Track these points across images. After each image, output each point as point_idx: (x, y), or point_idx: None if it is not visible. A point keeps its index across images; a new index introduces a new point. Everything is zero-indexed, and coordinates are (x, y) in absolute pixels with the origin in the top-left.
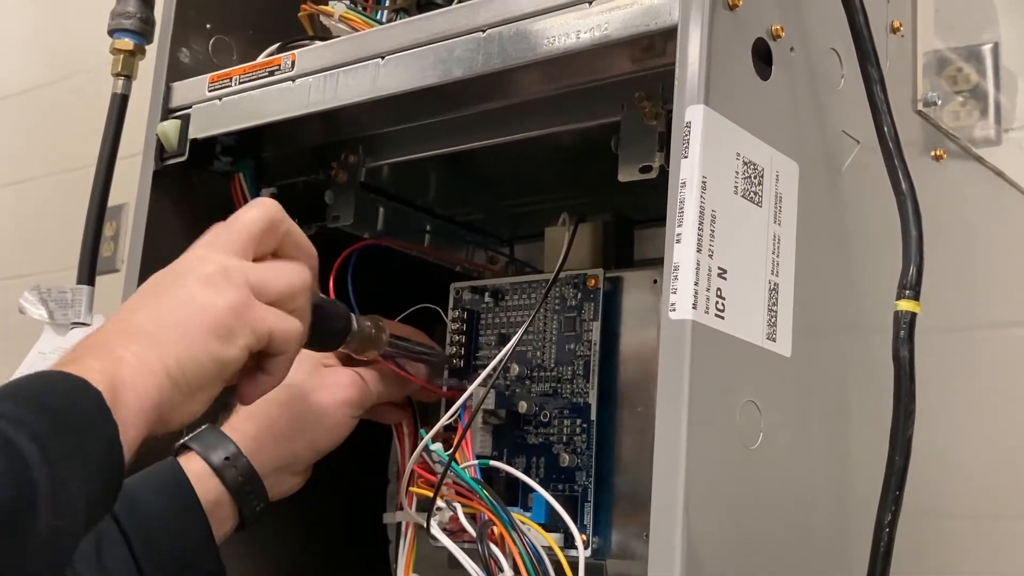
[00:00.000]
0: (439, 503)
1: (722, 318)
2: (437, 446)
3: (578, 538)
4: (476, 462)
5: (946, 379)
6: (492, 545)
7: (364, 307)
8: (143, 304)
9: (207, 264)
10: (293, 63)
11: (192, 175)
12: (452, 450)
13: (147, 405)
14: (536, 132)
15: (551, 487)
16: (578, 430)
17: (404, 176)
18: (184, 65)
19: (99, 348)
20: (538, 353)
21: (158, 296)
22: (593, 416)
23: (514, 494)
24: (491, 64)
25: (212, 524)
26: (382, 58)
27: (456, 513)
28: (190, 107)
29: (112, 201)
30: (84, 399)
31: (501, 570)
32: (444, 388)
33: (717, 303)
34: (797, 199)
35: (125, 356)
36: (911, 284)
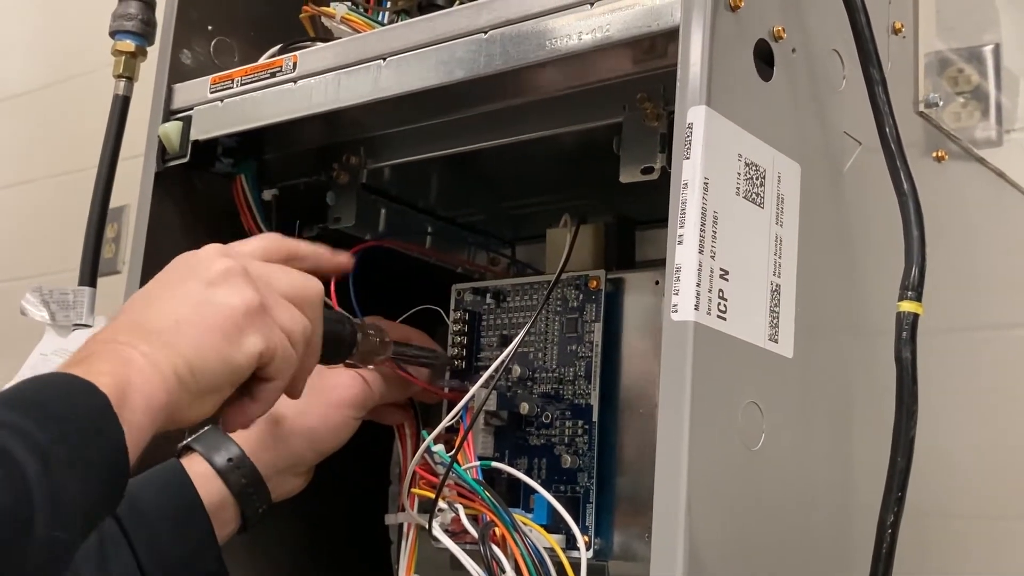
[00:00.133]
0: (441, 504)
1: (724, 319)
2: (439, 447)
3: (580, 539)
4: (478, 463)
5: (948, 380)
6: (494, 546)
7: (366, 308)
8: (156, 299)
9: (229, 260)
10: (295, 65)
11: (194, 176)
12: (454, 451)
13: (155, 407)
14: (538, 133)
15: (553, 488)
16: (580, 431)
17: (406, 177)
18: (186, 67)
19: (109, 348)
20: (540, 354)
21: (172, 292)
22: (595, 417)
23: (516, 495)
24: (493, 65)
25: (215, 525)
26: (384, 59)
27: (458, 514)
28: (192, 108)
29: (113, 203)
30: (90, 404)
31: (503, 571)
32: (446, 389)
33: (719, 304)
34: (799, 200)
35: (134, 357)
36: (913, 285)
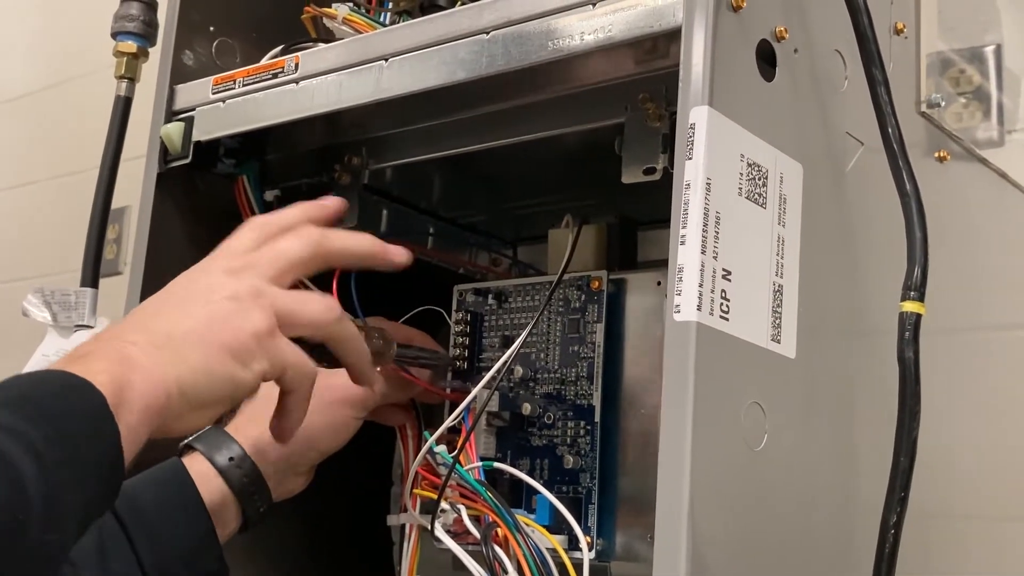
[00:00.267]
0: (443, 505)
1: (726, 320)
2: (441, 448)
3: (582, 540)
4: (480, 464)
5: (951, 380)
6: (496, 547)
7: (368, 309)
8: (169, 307)
9: (240, 283)
10: (296, 65)
11: (196, 177)
12: (456, 452)
13: (153, 408)
14: (540, 134)
15: (555, 489)
16: (582, 432)
17: (407, 178)
18: (187, 67)
19: (111, 347)
20: (542, 355)
21: (185, 303)
22: (597, 418)
23: (518, 496)
24: (495, 66)
25: (216, 525)
26: (385, 60)
27: (460, 515)
28: (194, 109)
29: (115, 204)
30: (85, 403)
31: (505, 572)
32: (448, 390)
33: (721, 305)
34: (801, 200)
35: (138, 357)
36: (916, 285)
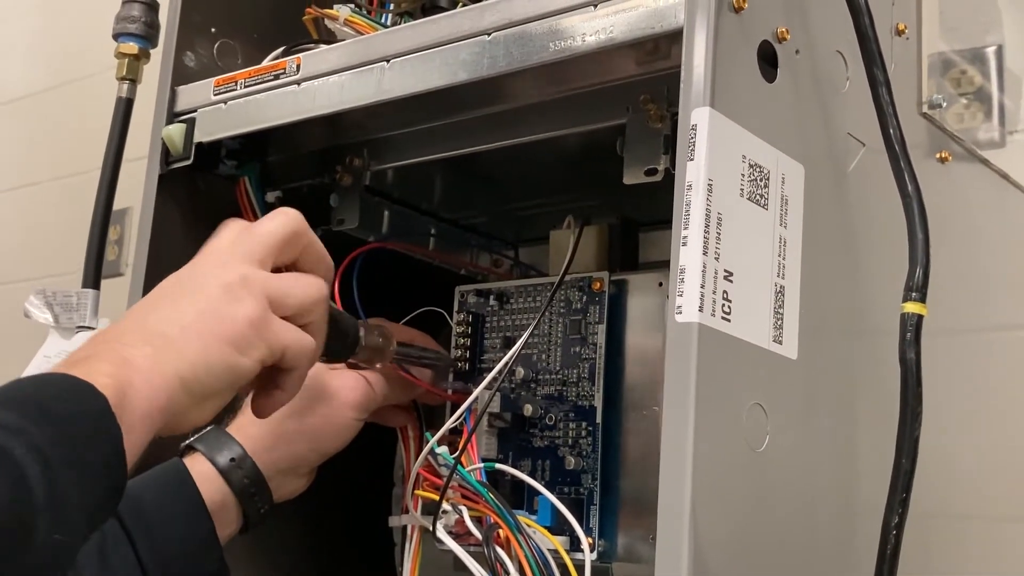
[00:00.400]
0: (445, 506)
1: (728, 321)
2: (443, 449)
3: (584, 541)
4: (482, 465)
5: (952, 381)
6: (498, 548)
7: (369, 310)
8: (161, 306)
9: (228, 272)
10: (298, 67)
11: (197, 179)
12: (458, 453)
13: (155, 410)
14: (541, 135)
15: (557, 490)
16: (584, 433)
17: (409, 179)
18: (189, 69)
19: (110, 349)
20: (543, 356)
21: (177, 299)
22: (599, 419)
23: (520, 497)
24: (496, 67)
25: (216, 525)
26: (387, 61)
27: (462, 516)
28: (195, 111)
29: (117, 205)
30: (88, 405)
31: (507, 573)
32: (449, 391)
33: (723, 306)
34: (803, 201)
35: (137, 359)
36: (917, 286)
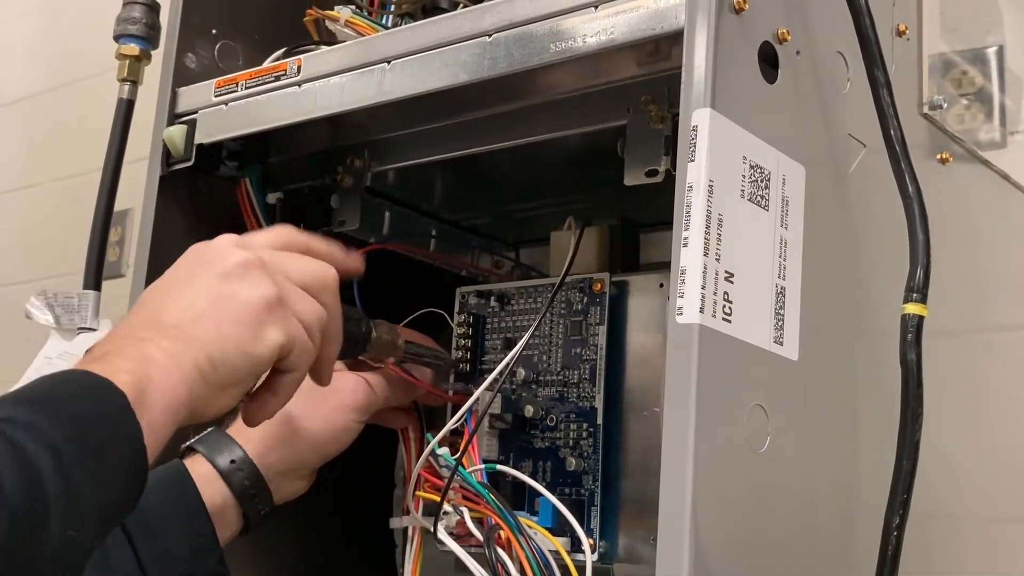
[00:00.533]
0: (446, 507)
1: (729, 322)
2: (444, 450)
3: (585, 542)
4: (483, 466)
5: (953, 382)
6: (499, 549)
7: (370, 311)
8: (173, 293)
9: (247, 252)
10: (299, 68)
11: (198, 180)
12: (459, 454)
13: (175, 403)
14: (542, 136)
15: (558, 491)
16: (584, 434)
17: (410, 180)
18: (190, 70)
19: (128, 344)
20: (544, 357)
21: (189, 285)
22: (599, 420)
23: (521, 498)
24: (497, 68)
25: (217, 527)
26: (388, 63)
27: (463, 517)
28: (196, 112)
29: (118, 206)
30: (107, 402)
31: (508, 574)
32: (450, 392)
33: (724, 307)
34: (804, 202)
35: (154, 353)
36: (918, 287)
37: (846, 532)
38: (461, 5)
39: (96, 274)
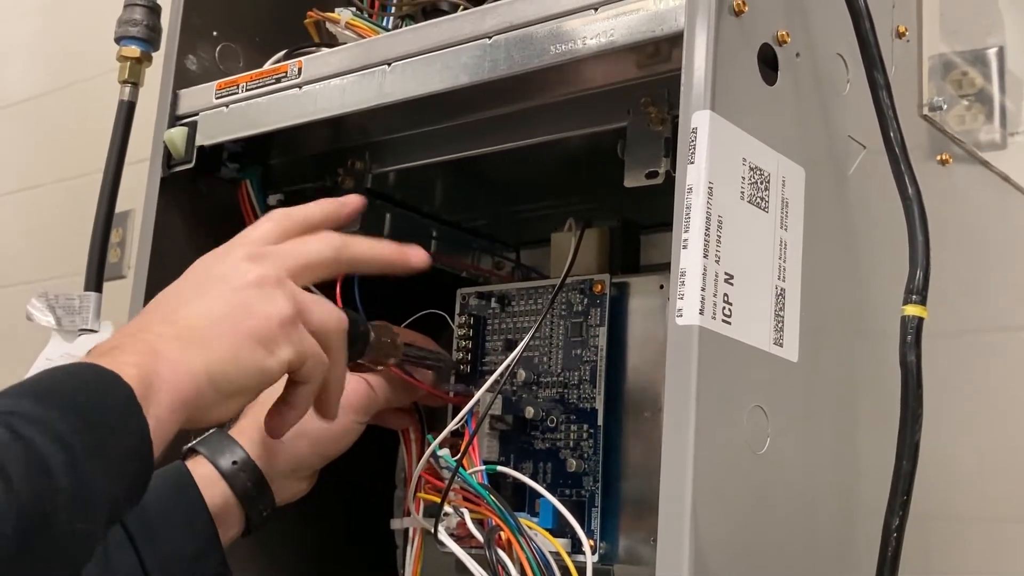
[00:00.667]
0: (446, 509)
1: (729, 323)
2: (444, 452)
3: (586, 543)
4: (483, 467)
5: (953, 383)
6: (499, 550)
7: (370, 313)
8: (189, 299)
9: (265, 269)
10: (300, 70)
11: (199, 182)
12: (459, 456)
13: (181, 402)
14: (542, 138)
15: (558, 492)
16: (585, 435)
17: (410, 182)
18: (191, 72)
19: (138, 339)
20: (545, 359)
21: (209, 291)
22: (600, 421)
23: (521, 499)
24: (497, 70)
25: (219, 528)
26: (388, 65)
27: (463, 519)
28: (197, 114)
29: (119, 207)
30: (114, 395)
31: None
32: (451, 394)
33: (724, 308)
34: (803, 204)
35: (165, 349)
36: (918, 289)
37: (846, 533)
38: (461, 7)
39: (97, 275)
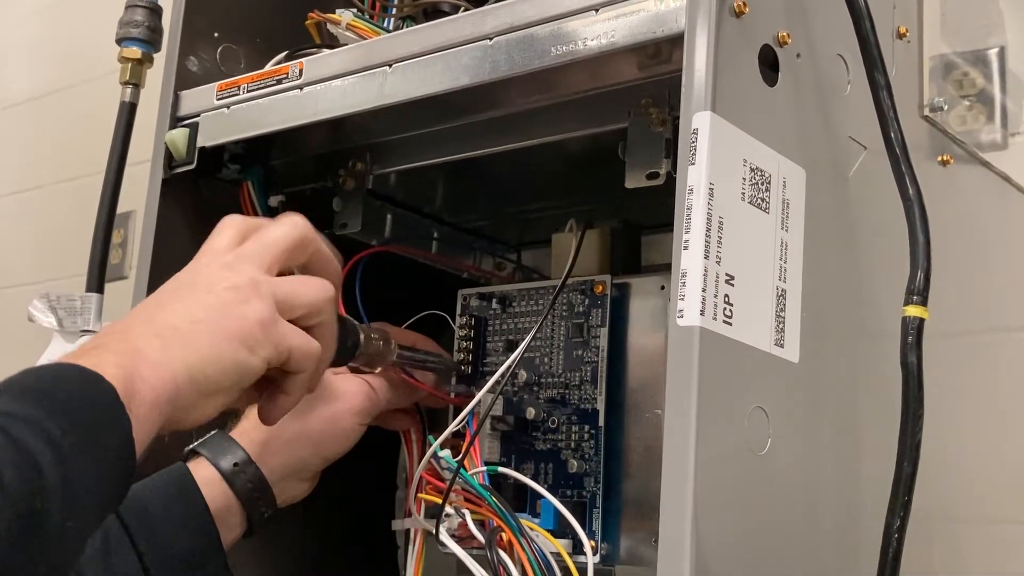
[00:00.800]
0: (448, 509)
1: (730, 324)
2: (445, 453)
3: (587, 544)
4: (484, 468)
5: (954, 383)
6: (501, 551)
7: (371, 314)
8: (170, 302)
9: (237, 275)
10: (301, 71)
11: (200, 183)
12: (460, 456)
13: (162, 400)
14: (543, 139)
15: (559, 493)
16: (586, 436)
17: (411, 183)
18: (192, 73)
19: (119, 339)
20: (546, 359)
21: (185, 297)
22: (601, 422)
23: (522, 500)
24: (498, 72)
25: (220, 530)
26: (389, 66)
27: (465, 519)
28: (198, 115)
29: (120, 208)
30: (98, 394)
31: None
32: (452, 395)
33: (725, 309)
34: (804, 205)
35: (146, 349)
36: (919, 289)
37: (847, 533)
38: (462, 8)
39: (99, 276)
